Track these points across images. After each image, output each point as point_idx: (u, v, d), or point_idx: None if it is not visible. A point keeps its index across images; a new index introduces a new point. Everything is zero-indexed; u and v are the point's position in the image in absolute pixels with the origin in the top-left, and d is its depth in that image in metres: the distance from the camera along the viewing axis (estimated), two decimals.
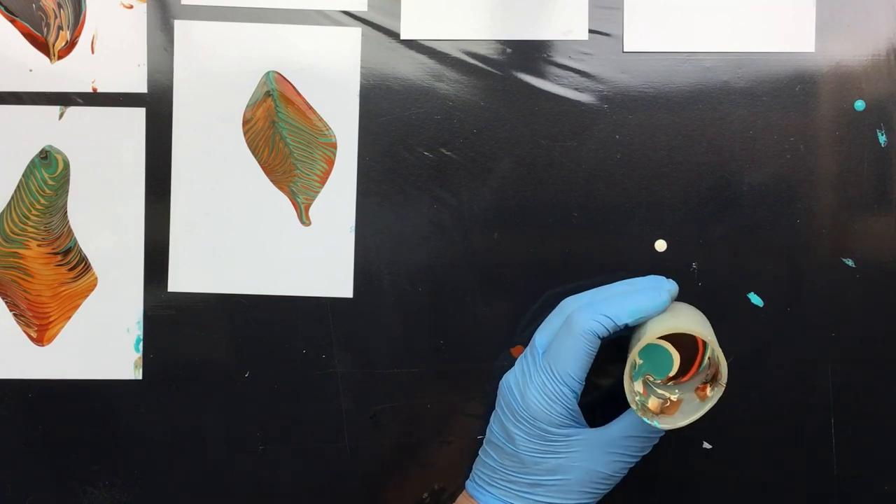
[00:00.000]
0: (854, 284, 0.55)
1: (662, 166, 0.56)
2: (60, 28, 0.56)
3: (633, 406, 0.47)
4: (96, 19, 0.56)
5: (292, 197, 0.57)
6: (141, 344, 0.57)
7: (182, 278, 0.57)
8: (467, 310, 0.57)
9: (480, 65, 0.56)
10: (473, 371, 0.57)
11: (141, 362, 0.57)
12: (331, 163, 0.56)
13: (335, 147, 0.56)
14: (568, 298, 0.52)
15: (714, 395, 0.47)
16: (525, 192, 0.56)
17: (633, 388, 0.47)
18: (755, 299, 0.56)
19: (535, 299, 0.56)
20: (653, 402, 0.48)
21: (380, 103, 0.56)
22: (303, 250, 0.57)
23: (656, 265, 0.56)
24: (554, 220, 0.56)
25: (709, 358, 0.49)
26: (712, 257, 0.56)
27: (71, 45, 0.56)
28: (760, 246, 0.56)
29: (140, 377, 0.57)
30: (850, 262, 0.55)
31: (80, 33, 0.56)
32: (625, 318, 0.48)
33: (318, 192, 0.57)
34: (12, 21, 0.56)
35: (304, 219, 0.57)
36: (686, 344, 0.50)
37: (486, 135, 0.56)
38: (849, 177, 0.55)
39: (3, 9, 0.56)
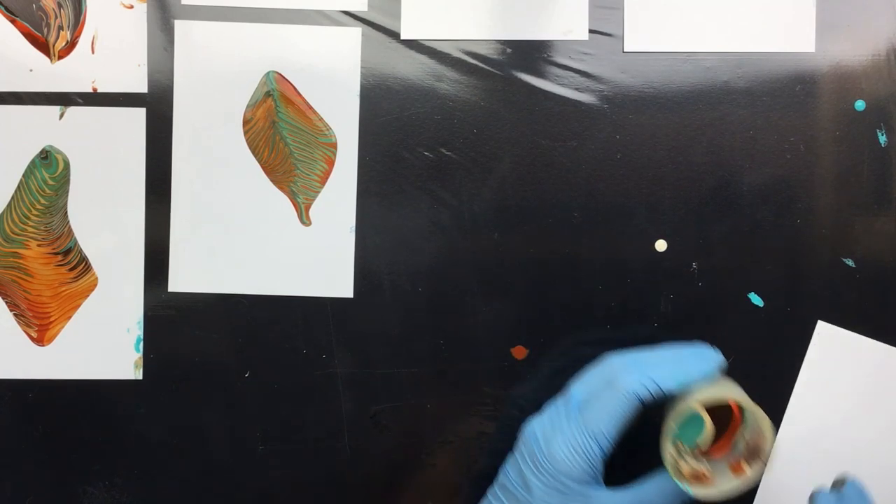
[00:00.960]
0: (854, 284, 0.55)
1: (662, 166, 0.56)
2: (60, 28, 0.56)
3: (671, 471, 0.45)
4: (96, 19, 0.56)
5: (292, 197, 0.57)
6: (141, 344, 0.57)
7: (182, 278, 0.57)
8: (467, 310, 0.57)
9: (480, 65, 0.56)
10: (473, 371, 0.57)
11: (141, 362, 0.57)
12: (331, 163, 0.56)
13: (335, 147, 0.56)
14: (612, 355, 0.50)
15: (755, 470, 0.45)
16: (525, 192, 0.56)
17: (670, 451, 0.46)
18: (755, 299, 0.56)
19: (535, 299, 0.56)
20: (685, 468, 0.46)
21: (380, 103, 0.56)
22: (303, 250, 0.57)
23: (656, 265, 0.56)
24: (554, 220, 0.56)
25: (745, 436, 0.47)
26: (712, 257, 0.56)
27: (71, 45, 0.56)
28: (760, 246, 0.56)
29: (140, 377, 0.57)
30: (850, 262, 0.55)
31: (80, 33, 0.56)
32: (671, 386, 0.47)
33: (318, 192, 0.57)
34: (12, 21, 0.56)
35: (304, 219, 0.57)
36: (717, 417, 0.48)
37: (486, 135, 0.56)
38: (849, 177, 0.55)
39: (3, 9, 0.56)
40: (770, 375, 0.56)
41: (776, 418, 0.56)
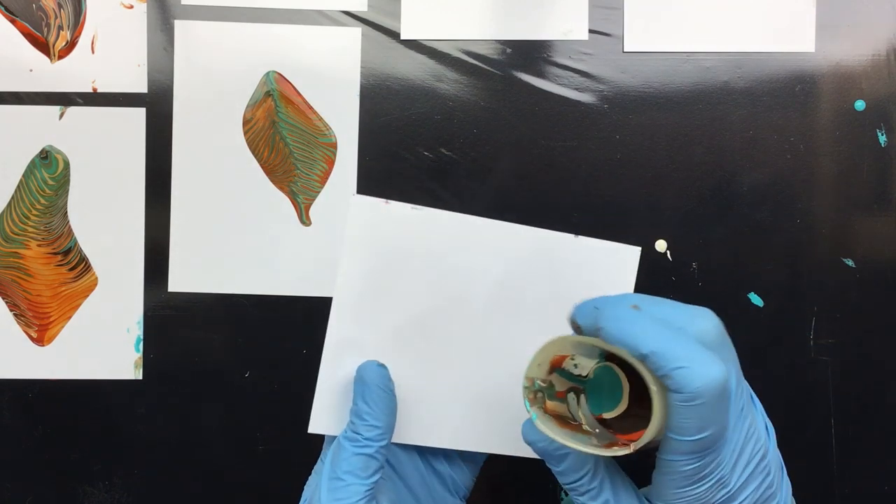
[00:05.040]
0: (854, 284, 0.55)
1: (662, 166, 0.56)
2: (60, 28, 0.56)
3: (527, 390, 0.37)
4: (96, 19, 0.56)
5: (292, 197, 0.57)
6: (141, 344, 0.57)
7: (182, 278, 0.57)
8: None
9: (480, 65, 0.56)
10: None
11: (141, 362, 0.57)
12: (331, 163, 0.56)
13: (335, 147, 0.56)
14: None
15: (617, 451, 0.37)
16: (525, 192, 0.56)
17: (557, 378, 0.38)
18: (755, 299, 0.56)
19: None
20: (552, 405, 0.38)
21: (380, 103, 0.56)
22: (303, 250, 0.57)
23: (656, 265, 0.56)
24: (554, 220, 0.56)
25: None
26: (712, 257, 0.56)
27: (71, 45, 0.56)
28: (760, 246, 0.56)
29: (140, 377, 0.57)
30: (850, 262, 0.55)
31: (80, 33, 0.56)
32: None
33: (318, 192, 0.57)
34: (12, 21, 0.56)
35: (304, 219, 0.57)
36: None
37: (486, 135, 0.56)
38: (849, 177, 0.55)
39: (3, 9, 0.56)
40: (770, 375, 0.56)
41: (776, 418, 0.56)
